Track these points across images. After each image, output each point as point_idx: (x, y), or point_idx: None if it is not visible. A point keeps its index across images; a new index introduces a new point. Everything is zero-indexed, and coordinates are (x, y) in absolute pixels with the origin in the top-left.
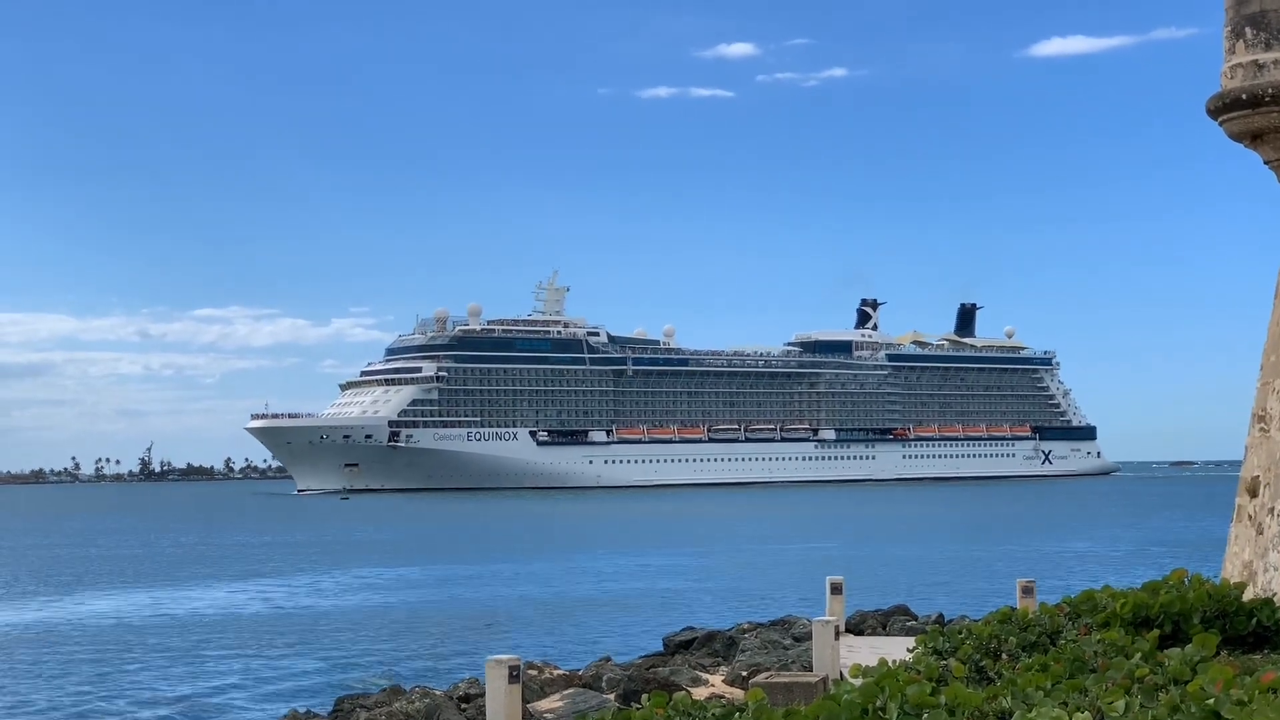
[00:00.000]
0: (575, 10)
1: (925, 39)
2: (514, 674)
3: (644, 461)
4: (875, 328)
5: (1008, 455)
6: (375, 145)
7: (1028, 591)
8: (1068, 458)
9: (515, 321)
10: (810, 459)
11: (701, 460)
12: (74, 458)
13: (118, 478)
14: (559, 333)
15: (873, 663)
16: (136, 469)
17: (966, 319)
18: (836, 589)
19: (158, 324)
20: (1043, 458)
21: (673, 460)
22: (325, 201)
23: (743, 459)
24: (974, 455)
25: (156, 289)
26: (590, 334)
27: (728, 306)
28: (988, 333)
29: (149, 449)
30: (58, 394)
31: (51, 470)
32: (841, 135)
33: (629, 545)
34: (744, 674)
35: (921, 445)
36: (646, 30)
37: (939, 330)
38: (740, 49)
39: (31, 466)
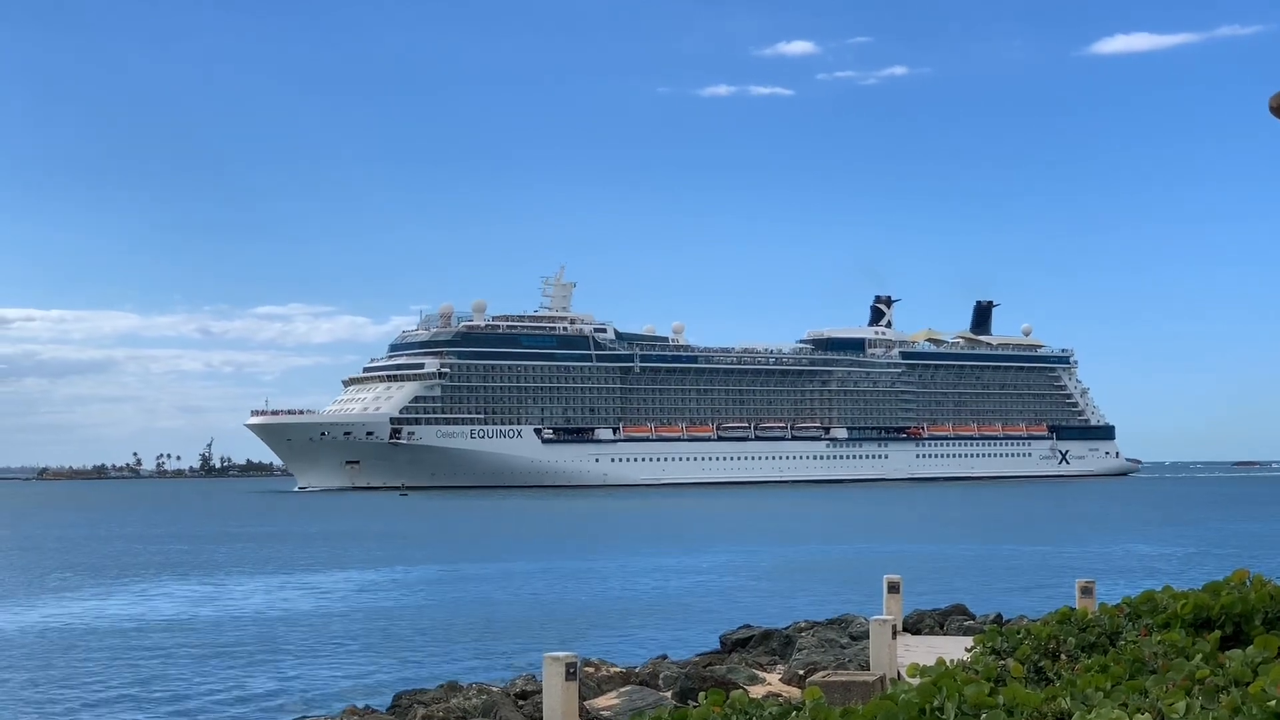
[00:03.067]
0: (635, 8)
1: (988, 36)
2: (571, 671)
3: (651, 460)
4: (889, 325)
5: (1024, 455)
6: (434, 144)
7: (1087, 592)
8: (1085, 458)
9: (520, 318)
10: (821, 458)
11: (710, 459)
12: (135, 453)
13: (178, 473)
14: (565, 329)
15: (930, 662)
16: (197, 465)
17: (983, 316)
18: (894, 588)
19: (219, 321)
20: (1060, 457)
21: (680, 459)
22: (385, 199)
23: (752, 458)
24: (989, 455)
25: (217, 287)
26: (597, 330)
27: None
28: (1004, 331)
29: (209, 445)
30: (120, 390)
31: (113, 466)
32: (885, 133)
33: (671, 543)
34: (801, 672)
35: (935, 444)
36: (706, 28)
37: (954, 328)
38: (800, 47)
39: (94, 462)
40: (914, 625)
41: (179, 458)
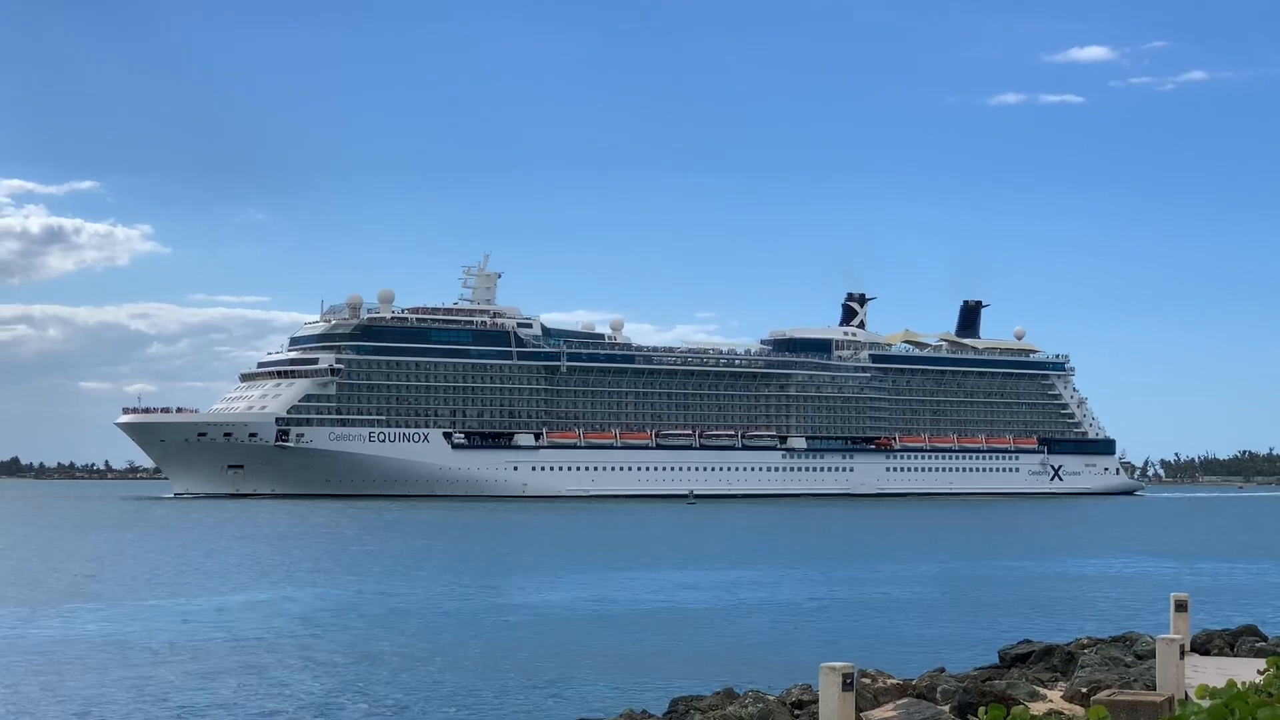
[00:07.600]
0: (922, 15)
1: None
2: (848, 681)
3: (578, 469)
4: (862, 325)
5: (1010, 470)
6: (721, 152)
7: None
8: (1081, 473)
9: (432, 310)
10: (776, 469)
11: (645, 469)
12: None
13: None
14: (483, 323)
15: (1220, 684)
16: None
17: (970, 318)
18: (1181, 606)
19: None
20: (1052, 473)
21: (612, 468)
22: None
23: (695, 468)
24: (969, 469)
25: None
26: (521, 325)
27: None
28: (995, 333)
29: None
30: None
31: None
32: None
33: (908, 552)
34: (1084, 690)
35: (908, 457)
36: (996, 35)
37: (939, 329)
38: (1094, 52)
39: None
40: (1202, 645)
41: None
